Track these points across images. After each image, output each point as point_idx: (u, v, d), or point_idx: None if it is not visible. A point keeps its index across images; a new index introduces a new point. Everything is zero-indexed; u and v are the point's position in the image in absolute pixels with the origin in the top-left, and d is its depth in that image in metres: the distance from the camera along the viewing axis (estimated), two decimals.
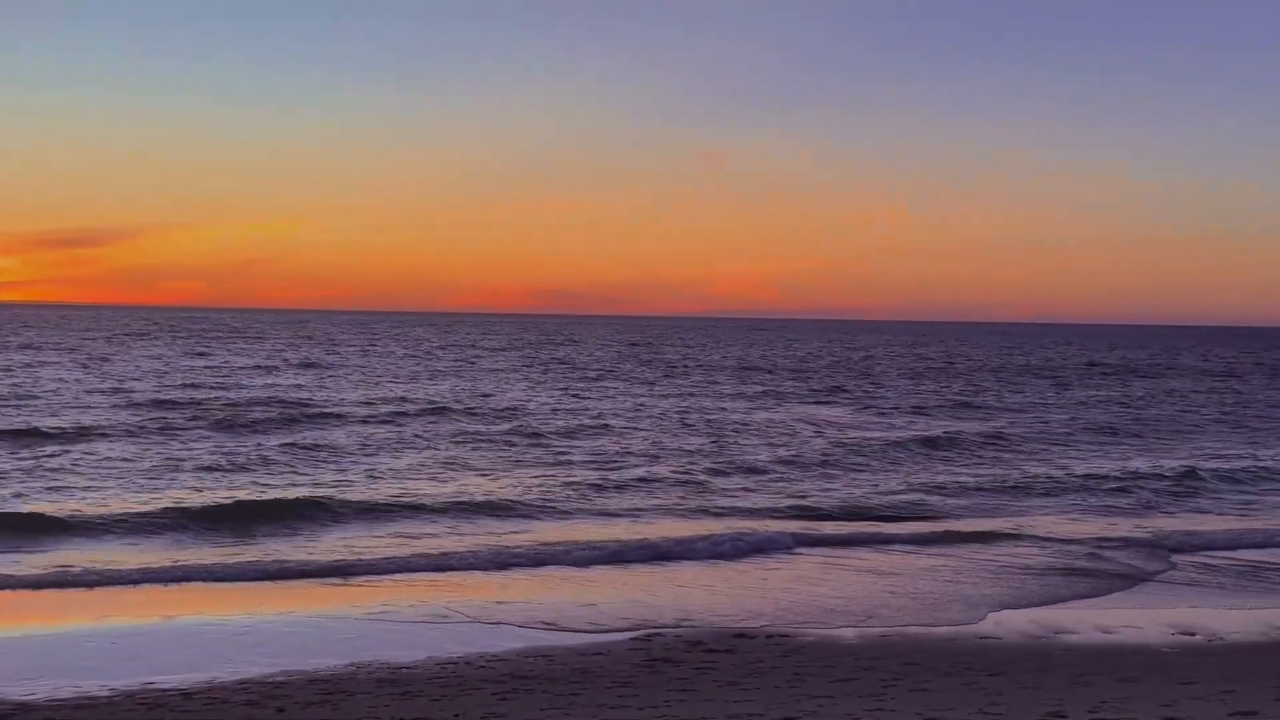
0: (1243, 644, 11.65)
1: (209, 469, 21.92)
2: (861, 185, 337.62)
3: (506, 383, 48.35)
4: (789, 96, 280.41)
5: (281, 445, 25.36)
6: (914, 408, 40.75)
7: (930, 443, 29.33)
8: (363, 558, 15.05)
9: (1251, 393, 52.83)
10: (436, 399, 38.00)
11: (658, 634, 11.59)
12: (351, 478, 21.66)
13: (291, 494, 19.34)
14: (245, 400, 35.41)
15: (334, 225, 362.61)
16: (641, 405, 38.82)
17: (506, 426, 30.61)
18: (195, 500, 18.51)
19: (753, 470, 24.05)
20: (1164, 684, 9.76)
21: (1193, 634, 12.03)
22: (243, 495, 19.08)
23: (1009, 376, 62.00)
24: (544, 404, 38.23)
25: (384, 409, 34.14)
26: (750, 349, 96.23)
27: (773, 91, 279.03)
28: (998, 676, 10.10)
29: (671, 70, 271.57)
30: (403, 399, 37.65)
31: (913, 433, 31.65)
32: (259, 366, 53.47)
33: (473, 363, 64.29)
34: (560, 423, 31.85)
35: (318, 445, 25.70)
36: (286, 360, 59.42)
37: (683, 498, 20.63)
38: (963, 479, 23.65)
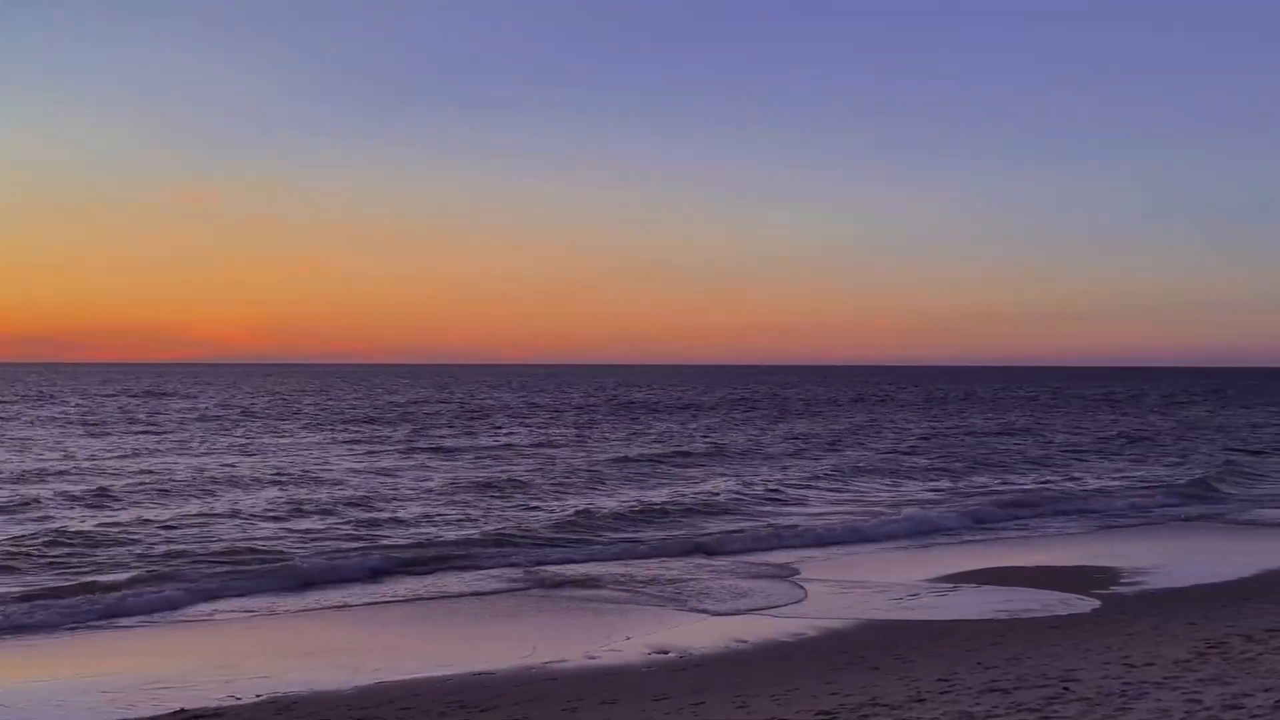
0: (709, 657, 12.71)
1: None
2: (350, 228, 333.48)
3: None
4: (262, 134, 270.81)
5: None
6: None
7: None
8: None
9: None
10: None
11: None
12: None
13: None
14: None
15: None
16: None
17: None
18: None
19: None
20: (640, 702, 10.45)
21: (667, 652, 12.96)
22: None
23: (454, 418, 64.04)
24: None
25: None
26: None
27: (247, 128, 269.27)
28: (489, 712, 10.34)
29: (169, 95, 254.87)
30: None
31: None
32: None
33: None
34: None
35: None
36: None
37: None
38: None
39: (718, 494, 29.20)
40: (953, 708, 9.14)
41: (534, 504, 27.08)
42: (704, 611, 15.48)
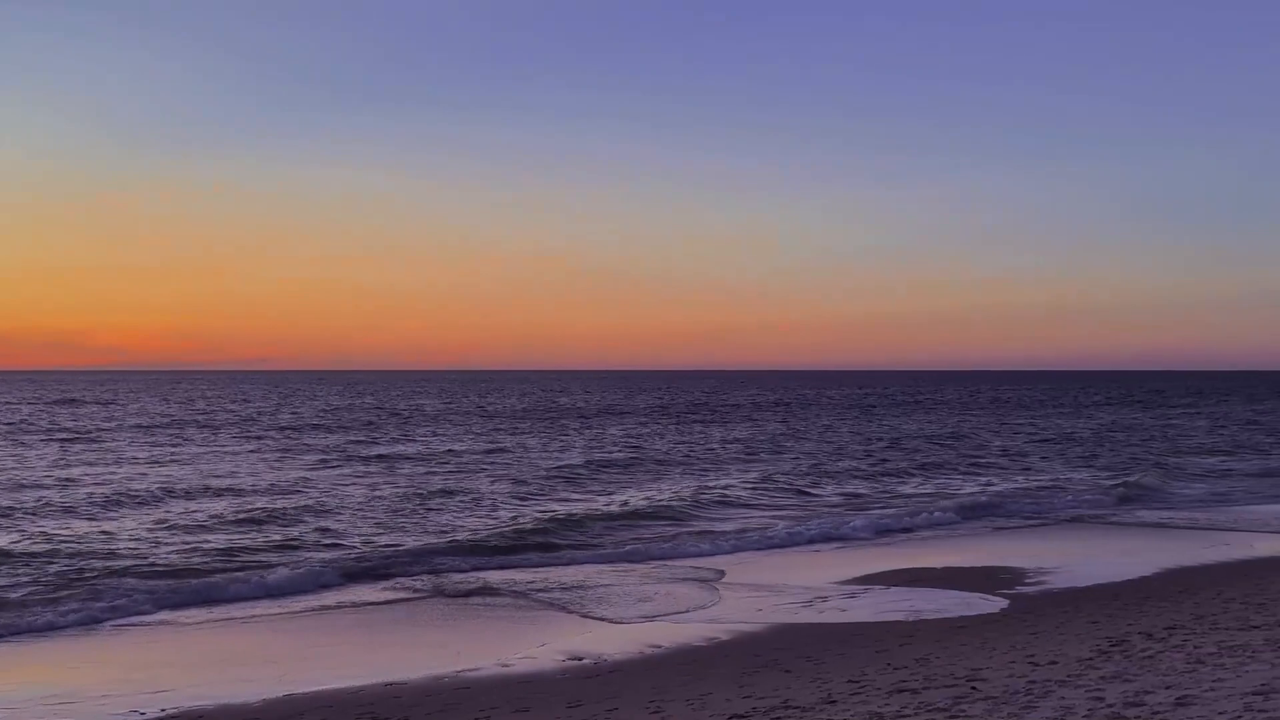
0: (623, 662, 12.72)
1: None
2: (255, 232, 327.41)
3: None
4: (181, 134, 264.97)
5: None
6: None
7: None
8: None
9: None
10: None
11: None
12: None
13: None
14: None
15: None
16: None
17: None
18: None
19: None
20: (554, 709, 10.42)
21: (581, 658, 12.94)
22: None
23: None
24: None
25: None
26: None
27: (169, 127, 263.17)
28: None
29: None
30: None
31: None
32: None
33: None
34: None
35: None
36: None
37: None
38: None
39: (642, 500, 29.25)
40: (863, 708, 9.25)
41: (459, 512, 26.88)
42: (618, 619, 15.48)
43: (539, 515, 26.07)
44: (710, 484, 33.53)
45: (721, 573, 19.21)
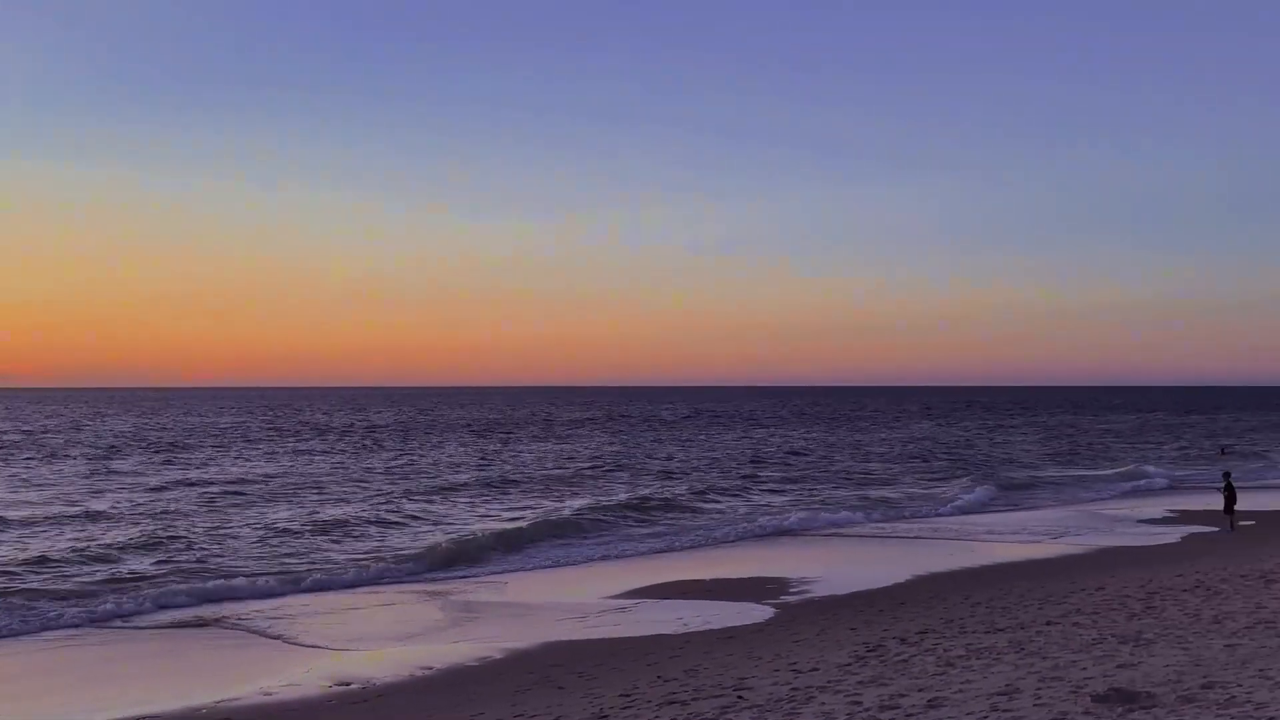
0: (393, 685, 12.43)
1: None
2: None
3: None
4: None
5: None
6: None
7: None
8: None
9: None
10: None
11: None
12: None
13: None
14: None
15: None
16: None
17: None
18: None
19: None
20: None
21: (349, 683, 12.57)
22: None
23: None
24: None
25: None
26: None
27: None
28: None
29: None
30: None
31: None
32: None
33: None
34: None
35: None
36: None
37: None
38: None
39: (369, 519, 28.71)
40: None
41: (212, 536, 25.75)
42: (381, 638, 15.15)
43: (303, 526, 25.28)
44: (467, 498, 33.27)
45: (500, 589, 19.06)
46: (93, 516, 28.69)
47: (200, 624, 16.50)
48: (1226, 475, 27.49)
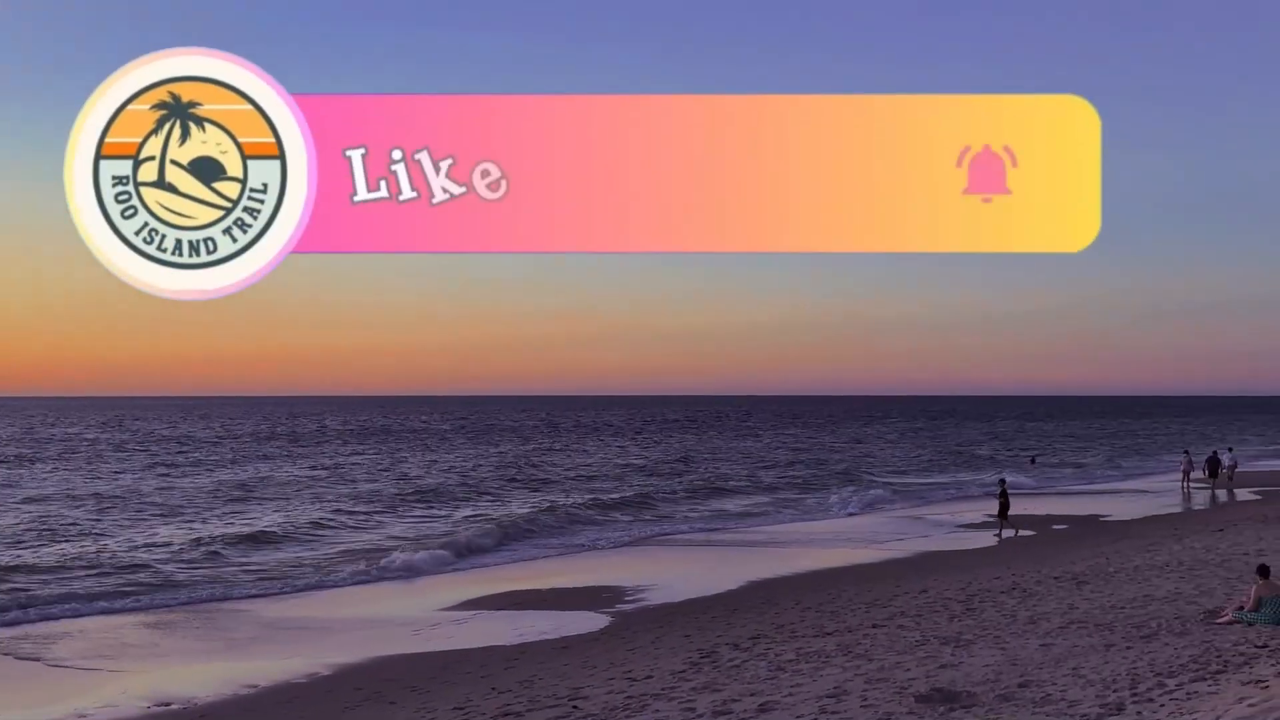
0: (216, 704, 12.01)
1: None
2: None
3: None
4: None
5: None
6: None
7: None
8: None
9: None
10: None
11: None
12: None
13: None
14: None
15: None
16: None
17: None
18: None
19: None
20: None
21: (169, 703, 12.10)
22: None
23: None
24: None
25: None
26: None
27: None
28: None
29: None
30: None
31: None
32: None
33: None
34: None
35: None
36: None
37: None
38: None
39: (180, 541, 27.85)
40: None
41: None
42: (205, 655, 14.64)
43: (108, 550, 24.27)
44: (296, 512, 32.51)
45: (322, 608, 18.63)
46: None
47: None
48: (1002, 482, 28.58)
